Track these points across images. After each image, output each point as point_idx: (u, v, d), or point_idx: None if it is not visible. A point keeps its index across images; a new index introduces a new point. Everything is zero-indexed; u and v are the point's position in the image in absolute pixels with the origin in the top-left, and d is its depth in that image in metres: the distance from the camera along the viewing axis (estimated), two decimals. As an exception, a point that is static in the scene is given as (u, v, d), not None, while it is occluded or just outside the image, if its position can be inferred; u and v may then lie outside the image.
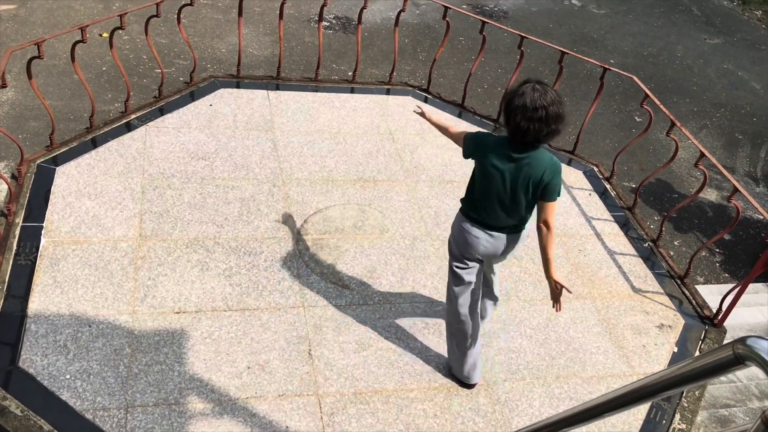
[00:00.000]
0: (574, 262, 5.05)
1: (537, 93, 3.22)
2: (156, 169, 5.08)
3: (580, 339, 4.47)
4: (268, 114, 5.89)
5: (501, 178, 3.39)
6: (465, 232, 3.59)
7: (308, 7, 8.65)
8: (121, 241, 4.46)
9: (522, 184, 3.37)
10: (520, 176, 3.36)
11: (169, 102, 5.79)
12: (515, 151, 3.34)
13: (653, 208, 6.40)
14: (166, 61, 6.97)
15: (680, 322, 4.75)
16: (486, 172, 3.42)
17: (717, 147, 7.55)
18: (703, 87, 8.73)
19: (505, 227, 3.56)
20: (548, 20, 9.69)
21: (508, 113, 3.29)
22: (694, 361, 1.50)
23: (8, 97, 6.10)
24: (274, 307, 4.25)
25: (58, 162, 4.98)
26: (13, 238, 4.33)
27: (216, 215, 4.80)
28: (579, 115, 7.38)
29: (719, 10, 11.13)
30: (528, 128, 3.22)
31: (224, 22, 8.00)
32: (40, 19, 7.43)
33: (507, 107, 3.29)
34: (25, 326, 3.84)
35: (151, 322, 4.01)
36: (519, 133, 3.27)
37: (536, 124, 3.22)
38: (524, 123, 3.22)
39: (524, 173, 3.35)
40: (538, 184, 3.35)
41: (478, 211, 3.54)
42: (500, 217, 3.51)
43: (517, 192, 3.40)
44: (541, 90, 3.24)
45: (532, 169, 3.33)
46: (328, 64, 7.44)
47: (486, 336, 4.30)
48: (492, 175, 3.40)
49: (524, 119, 3.21)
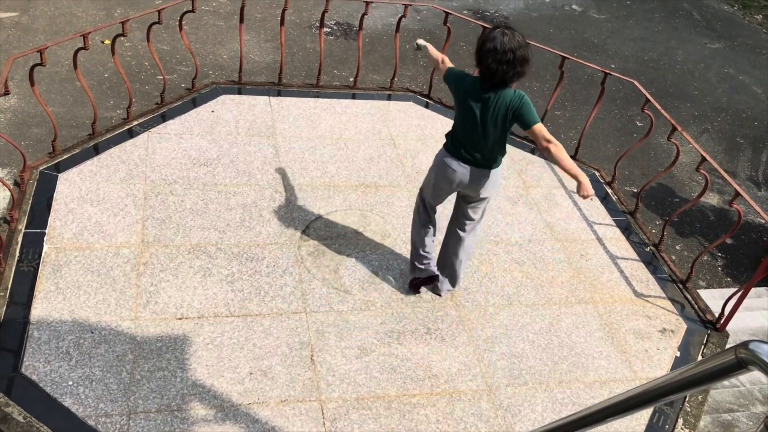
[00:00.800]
0: (575, 267, 5.04)
1: (506, 37, 3.56)
2: (158, 175, 5.09)
3: (583, 344, 4.47)
4: (269, 120, 5.90)
5: (472, 115, 3.78)
6: (443, 165, 4.00)
7: (309, 14, 8.67)
8: (123, 247, 4.47)
9: (491, 120, 3.75)
10: (488, 113, 3.74)
11: (171, 108, 5.81)
12: (484, 91, 3.72)
13: (655, 212, 6.39)
14: (168, 67, 6.98)
15: (682, 327, 4.75)
16: (461, 107, 3.84)
17: (718, 151, 7.55)
18: (704, 91, 8.73)
19: (475, 161, 3.93)
20: (549, 25, 9.70)
21: (480, 56, 3.64)
22: (696, 366, 1.50)
23: (11, 104, 6.12)
24: (276, 313, 4.25)
25: (61, 168, 5.00)
26: (16, 244, 4.34)
27: (218, 221, 4.80)
28: (580, 119, 7.39)
29: (720, 14, 11.14)
30: (497, 69, 3.59)
31: (226, 28, 8.02)
32: (42, 27, 7.46)
33: (479, 51, 3.64)
34: (28, 333, 3.84)
35: (154, 328, 4.01)
36: (489, 75, 3.64)
37: (504, 66, 3.58)
38: (494, 65, 3.58)
39: (492, 110, 3.72)
40: (506, 115, 3.72)
41: (456, 145, 3.95)
42: (471, 150, 3.90)
43: (487, 127, 3.78)
44: (509, 34, 3.58)
45: (499, 105, 3.70)
46: (330, 70, 7.45)
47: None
48: (465, 110, 3.81)
49: (494, 61, 3.57)
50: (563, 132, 7.23)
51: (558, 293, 4.80)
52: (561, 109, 7.63)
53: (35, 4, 7.87)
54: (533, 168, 5.99)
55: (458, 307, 4.55)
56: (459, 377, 4.09)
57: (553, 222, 5.43)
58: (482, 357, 4.24)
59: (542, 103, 7.45)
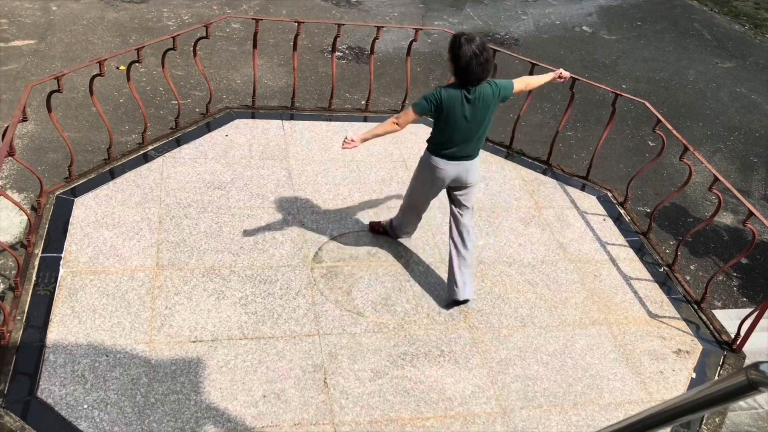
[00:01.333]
0: (589, 288, 5.03)
1: (474, 43, 3.92)
2: (173, 199, 5.14)
3: (597, 365, 4.44)
4: (282, 143, 5.96)
5: (464, 119, 4.10)
6: (440, 170, 4.30)
7: (321, 39, 8.77)
8: (138, 270, 4.51)
9: (481, 114, 4.13)
10: (478, 111, 4.10)
11: (185, 133, 5.88)
12: (470, 93, 4.06)
13: (668, 232, 6.37)
14: (183, 92, 7.08)
15: (698, 348, 4.71)
16: (450, 117, 4.10)
17: (731, 171, 7.52)
18: (716, 111, 8.72)
19: (469, 155, 4.31)
20: (559, 47, 9.75)
21: (463, 67, 3.95)
22: (707, 388, 1.50)
23: (28, 129, 6.22)
24: (289, 335, 4.26)
25: (77, 193, 5.06)
26: (33, 268, 4.39)
27: (232, 244, 4.84)
28: (592, 140, 7.39)
29: (731, 34, 11.16)
30: (481, 71, 3.98)
31: (239, 53, 8.12)
32: (59, 54, 7.58)
33: (459, 63, 3.96)
34: (44, 356, 3.87)
35: (168, 351, 4.03)
36: (474, 78, 4.00)
37: (484, 65, 3.98)
38: (478, 68, 3.95)
39: (480, 106, 4.10)
40: (492, 104, 4.14)
41: (448, 149, 4.23)
42: (465, 148, 4.24)
43: (478, 122, 4.15)
44: (473, 39, 3.94)
45: (484, 99, 4.09)
46: (342, 93, 7.52)
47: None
48: (456, 119, 4.09)
49: (477, 65, 3.94)
50: (575, 152, 7.24)
51: (572, 314, 4.79)
52: (572, 130, 7.64)
53: (52, 32, 8.01)
54: (545, 189, 5.99)
55: (472, 329, 4.54)
56: (473, 400, 4.08)
57: (566, 243, 5.42)
58: (496, 379, 4.22)
59: (554, 123, 7.47)
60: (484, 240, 5.28)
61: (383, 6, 10.13)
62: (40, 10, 8.49)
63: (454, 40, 3.97)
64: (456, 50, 3.96)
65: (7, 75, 7.05)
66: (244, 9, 9.31)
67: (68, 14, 8.50)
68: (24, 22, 8.16)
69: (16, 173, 5.66)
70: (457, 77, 4.05)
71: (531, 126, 7.51)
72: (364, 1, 10.18)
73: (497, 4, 10.91)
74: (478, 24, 10.02)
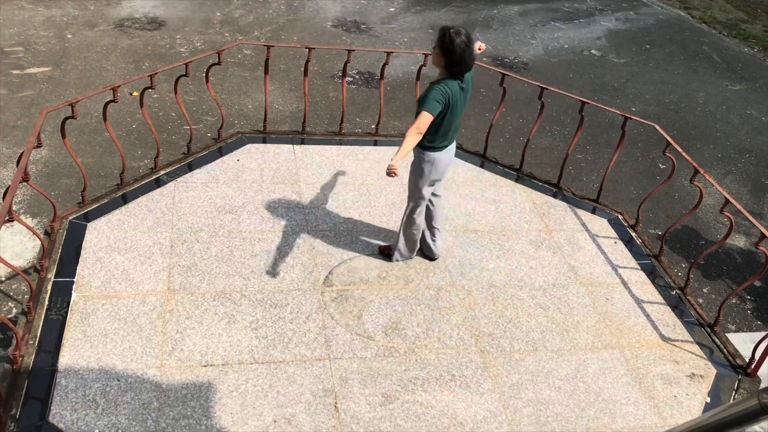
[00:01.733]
0: (601, 311, 5.00)
1: (462, 35, 4.15)
2: (184, 223, 5.18)
3: (610, 390, 4.40)
4: (293, 167, 6.00)
5: (460, 106, 4.40)
6: (440, 162, 4.55)
7: (332, 64, 8.86)
8: (149, 294, 4.53)
9: (466, 99, 4.46)
10: (466, 96, 4.46)
11: (197, 158, 5.93)
12: (463, 81, 4.35)
13: (680, 255, 6.34)
14: (195, 118, 7.15)
15: (712, 372, 4.66)
16: (453, 111, 4.34)
17: (743, 193, 7.49)
18: (727, 133, 8.71)
19: (454, 139, 4.65)
20: (568, 70, 9.79)
21: (458, 59, 4.17)
22: (720, 412, 1.49)
23: (42, 155, 6.29)
24: (299, 360, 4.26)
25: (90, 218, 5.10)
26: (45, 293, 4.42)
27: (243, 268, 4.86)
28: (602, 163, 7.39)
29: (740, 56, 11.17)
30: (471, 61, 4.27)
31: (251, 79, 8.21)
32: (73, 80, 7.69)
33: (454, 56, 4.17)
34: (56, 381, 3.88)
35: (179, 375, 4.03)
36: (467, 68, 4.29)
37: (472, 55, 4.27)
38: (469, 59, 4.23)
39: (467, 91, 4.45)
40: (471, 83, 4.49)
41: (447, 138, 4.50)
42: (454, 134, 4.58)
43: (464, 106, 4.49)
44: (459, 30, 4.16)
45: (468, 83, 4.44)
46: (352, 117, 7.57)
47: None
48: (453, 109, 4.33)
49: (468, 56, 4.21)
50: (585, 175, 7.24)
51: (584, 338, 4.76)
52: (582, 153, 7.65)
53: (67, 59, 8.13)
54: (556, 211, 5.99)
55: (483, 353, 4.52)
56: (484, 425, 4.05)
57: (577, 266, 5.40)
58: (508, 404, 4.19)
59: (563, 146, 7.48)
60: (494, 263, 5.28)
61: (393, 32, 10.23)
62: (55, 38, 8.63)
63: (444, 34, 4.16)
64: (449, 45, 4.16)
65: (22, 101, 7.15)
66: (255, 35, 9.43)
67: (83, 42, 8.63)
68: (39, 49, 8.29)
69: (30, 198, 5.72)
70: (450, 69, 4.26)
71: (541, 149, 7.52)
72: (374, 27, 10.29)
73: (506, 28, 11.00)
74: (487, 48, 10.10)
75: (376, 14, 10.82)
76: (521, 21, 11.41)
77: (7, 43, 8.37)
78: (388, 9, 11.09)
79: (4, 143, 6.46)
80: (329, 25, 10.21)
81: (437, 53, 4.24)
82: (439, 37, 4.20)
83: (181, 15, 9.78)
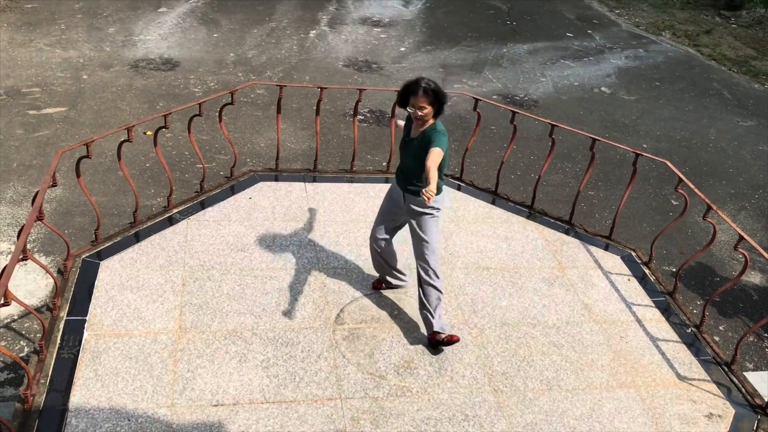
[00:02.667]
0: (615, 350, 4.94)
1: (432, 83, 4.30)
2: (196, 261, 5.19)
3: (626, 430, 4.32)
4: (305, 205, 6.02)
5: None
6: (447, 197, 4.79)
7: (343, 103, 8.95)
8: (161, 333, 4.52)
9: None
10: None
11: (210, 196, 5.97)
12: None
13: (695, 292, 6.27)
14: (208, 156, 7.22)
15: (730, 412, 4.57)
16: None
17: (757, 229, 7.44)
18: (739, 169, 8.69)
19: None
20: (579, 107, 9.84)
21: (444, 105, 4.36)
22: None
23: (56, 194, 6.36)
24: (311, 399, 4.22)
25: (102, 256, 5.13)
26: (57, 331, 4.42)
27: (254, 306, 4.85)
28: (614, 199, 7.38)
29: (750, 93, 11.20)
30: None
31: (263, 118, 8.30)
32: (88, 120, 7.80)
33: (444, 104, 4.35)
34: (66, 421, 3.86)
35: (189, 415, 4.00)
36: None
37: None
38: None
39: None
40: None
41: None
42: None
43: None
44: (423, 78, 4.33)
45: None
46: (363, 155, 7.62)
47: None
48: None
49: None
50: (597, 212, 7.22)
51: (598, 377, 4.69)
52: (594, 189, 7.64)
53: (83, 99, 8.26)
54: (568, 248, 5.96)
55: (496, 393, 4.46)
56: (498, 466, 3.97)
57: (591, 303, 5.35)
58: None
59: (575, 183, 7.48)
60: (507, 301, 5.24)
61: (403, 71, 10.34)
62: (71, 78, 8.78)
63: (439, 88, 4.32)
64: (444, 97, 4.34)
65: (38, 141, 7.25)
66: (268, 75, 9.56)
67: (98, 82, 8.78)
68: (56, 90, 8.44)
69: (43, 237, 5.77)
70: (438, 115, 4.41)
71: (552, 186, 7.52)
72: (385, 67, 10.41)
73: (516, 66, 11.09)
74: (497, 86, 10.17)
75: (387, 54, 10.95)
76: (531, 59, 11.51)
77: (24, 84, 8.53)
78: (398, 48, 11.23)
79: (20, 182, 6.53)
80: (341, 64, 10.34)
81: (431, 109, 4.33)
82: (437, 91, 4.31)
83: (195, 56, 9.94)
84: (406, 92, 4.35)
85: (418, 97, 4.26)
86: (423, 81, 4.28)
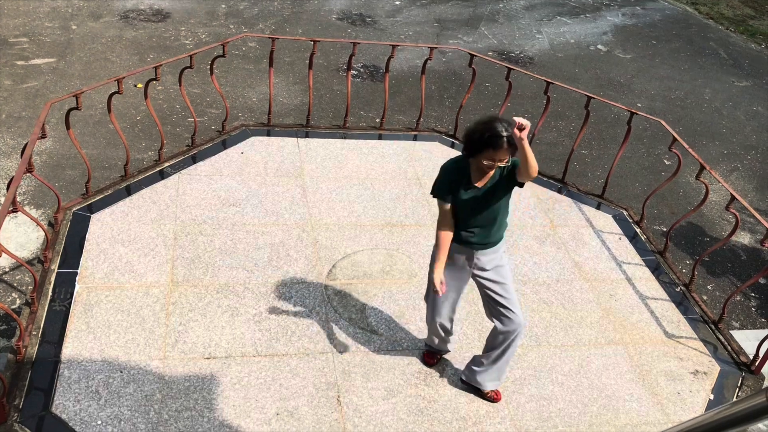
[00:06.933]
0: (605, 308, 4.99)
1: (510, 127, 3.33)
2: (188, 215, 5.17)
3: (613, 386, 4.39)
4: (297, 161, 5.98)
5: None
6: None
7: (337, 57, 8.83)
8: (153, 286, 4.53)
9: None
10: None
11: (201, 150, 5.93)
12: None
13: (685, 252, 6.31)
14: (199, 110, 7.13)
15: (716, 369, 4.65)
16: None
17: (749, 190, 7.46)
18: (733, 129, 8.67)
19: None
20: (574, 65, 9.75)
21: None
22: (725, 409, 1.48)
23: (46, 146, 6.28)
24: (303, 353, 4.25)
25: (93, 209, 5.10)
26: (49, 284, 4.42)
27: (246, 261, 4.85)
28: (607, 158, 7.37)
29: (747, 53, 11.11)
30: None
31: (255, 72, 8.18)
32: (77, 72, 7.68)
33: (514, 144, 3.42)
34: (59, 372, 3.89)
35: (182, 367, 4.03)
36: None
37: None
38: None
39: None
40: None
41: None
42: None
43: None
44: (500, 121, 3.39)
45: None
46: (357, 111, 7.55)
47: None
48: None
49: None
50: (590, 171, 7.21)
51: (587, 334, 4.75)
52: (588, 148, 7.62)
53: (72, 50, 8.12)
54: (560, 207, 5.97)
55: (486, 348, 4.50)
56: (487, 420, 4.04)
57: (581, 261, 5.39)
58: (511, 399, 4.19)
59: (568, 142, 7.46)
60: (498, 258, 5.26)
61: (398, 25, 10.19)
62: (60, 29, 8.61)
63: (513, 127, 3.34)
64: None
65: (26, 93, 7.14)
66: (260, 28, 9.40)
67: (87, 33, 8.62)
68: (44, 40, 8.28)
69: (34, 189, 5.72)
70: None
71: (546, 144, 7.49)
72: (380, 20, 10.25)
73: (512, 23, 10.95)
74: (492, 42, 10.05)
75: (382, 7, 10.78)
76: (527, 15, 11.36)
77: (11, 33, 8.36)
78: (393, 2, 11.05)
79: (9, 134, 6.46)
80: (334, 17, 10.18)
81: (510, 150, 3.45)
82: (512, 140, 3.36)
83: (185, 7, 9.76)
84: (484, 145, 3.39)
85: (501, 150, 3.39)
86: (502, 128, 3.33)
